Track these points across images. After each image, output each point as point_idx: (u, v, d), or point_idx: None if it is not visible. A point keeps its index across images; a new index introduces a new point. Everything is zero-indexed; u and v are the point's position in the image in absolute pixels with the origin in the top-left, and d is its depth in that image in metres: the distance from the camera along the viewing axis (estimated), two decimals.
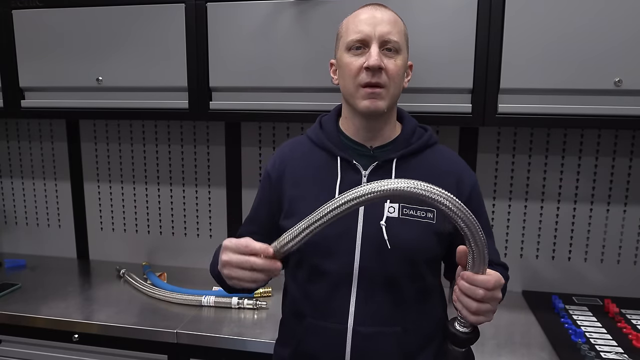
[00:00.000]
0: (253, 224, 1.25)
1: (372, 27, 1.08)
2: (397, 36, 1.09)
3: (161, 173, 2.09)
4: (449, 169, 1.15)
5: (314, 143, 1.19)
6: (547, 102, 1.44)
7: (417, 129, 1.19)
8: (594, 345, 1.41)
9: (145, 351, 1.55)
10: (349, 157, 1.13)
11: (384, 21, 1.09)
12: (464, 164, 1.19)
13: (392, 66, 1.08)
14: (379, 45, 1.08)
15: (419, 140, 1.15)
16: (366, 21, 1.09)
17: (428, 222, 1.08)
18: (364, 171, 1.12)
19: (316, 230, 0.89)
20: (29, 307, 1.67)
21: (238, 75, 1.61)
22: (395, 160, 1.12)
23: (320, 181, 1.13)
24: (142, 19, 1.65)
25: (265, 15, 1.55)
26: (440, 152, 1.18)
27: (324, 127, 1.19)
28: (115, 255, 2.17)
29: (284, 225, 1.16)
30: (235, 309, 1.67)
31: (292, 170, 1.17)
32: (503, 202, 1.82)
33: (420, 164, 1.14)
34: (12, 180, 2.25)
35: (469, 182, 1.15)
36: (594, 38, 1.38)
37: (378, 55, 1.06)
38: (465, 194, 1.12)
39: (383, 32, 1.07)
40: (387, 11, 1.12)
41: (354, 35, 1.09)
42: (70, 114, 1.87)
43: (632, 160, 1.72)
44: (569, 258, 1.81)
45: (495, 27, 1.43)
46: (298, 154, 1.20)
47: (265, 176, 1.22)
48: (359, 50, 1.09)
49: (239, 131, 1.98)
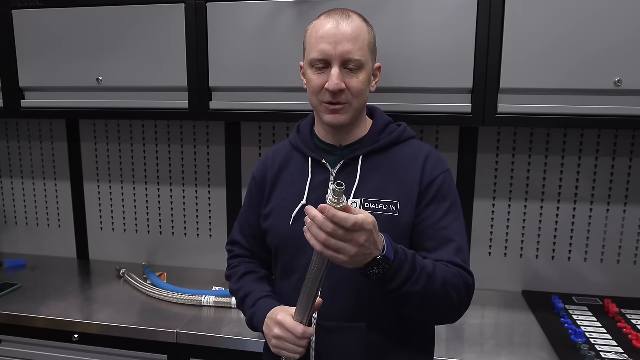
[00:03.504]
0: (244, 231, 1.31)
1: (333, 47, 1.07)
2: (360, 53, 1.08)
3: (161, 173, 2.08)
4: (416, 159, 1.15)
5: (293, 146, 1.24)
6: (547, 102, 1.44)
7: (390, 126, 1.20)
8: (594, 345, 1.41)
9: (145, 351, 1.55)
10: (319, 157, 1.17)
11: (345, 38, 1.07)
12: (434, 154, 1.17)
13: (355, 84, 1.10)
14: (340, 64, 1.08)
15: (388, 137, 1.17)
16: (328, 39, 1.08)
17: (390, 214, 1.10)
18: (332, 169, 1.16)
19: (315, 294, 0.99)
20: (29, 307, 1.67)
21: (238, 75, 1.61)
22: (362, 157, 1.15)
23: (294, 182, 1.19)
24: (142, 19, 1.65)
25: (265, 15, 1.55)
26: (412, 148, 1.18)
27: (301, 131, 1.25)
28: (115, 255, 2.16)
29: (262, 225, 1.23)
30: (235, 309, 1.67)
31: (273, 173, 1.23)
32: (503, 202, 1.82)
33: (386, 160, 1.16)
34: (12, 180, 2.25)
35: (433, 171, 1.13)
36: (594, 38, 1.38)
37: (338, 78, 1.07)
38: (426, 180, 1.12)
39: (344, 52, 1.07)
40: (351, 22, 1.09)
41: (315, 55, 1.10)
42: (70, 114, 1.87)
43: (632, 160, 1.72)
44: (569, 258, 1.81)
45: (495, 27, 1.43)
46: (279, 157, 1.25)
47: (252, 179, 1.29)
48: (320, 69, 1.10)
49: (239, 131, 1.98)
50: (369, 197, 1.12)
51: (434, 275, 1.00)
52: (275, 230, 1.19)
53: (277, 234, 1.19)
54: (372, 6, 1.45)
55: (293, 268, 1.15)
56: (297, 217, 1.15)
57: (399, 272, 0.96)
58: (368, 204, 1.11)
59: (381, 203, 1.11)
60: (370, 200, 1.12)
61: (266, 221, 1.21)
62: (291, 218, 1.15)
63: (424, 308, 1.03)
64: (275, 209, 1.19)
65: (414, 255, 1.00)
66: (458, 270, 1.05)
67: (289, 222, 1.15)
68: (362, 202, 1.11)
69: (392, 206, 1.11)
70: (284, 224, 1.16)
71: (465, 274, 1.07)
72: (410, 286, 0.97)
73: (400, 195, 1.11)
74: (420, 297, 0.99)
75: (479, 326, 1.56)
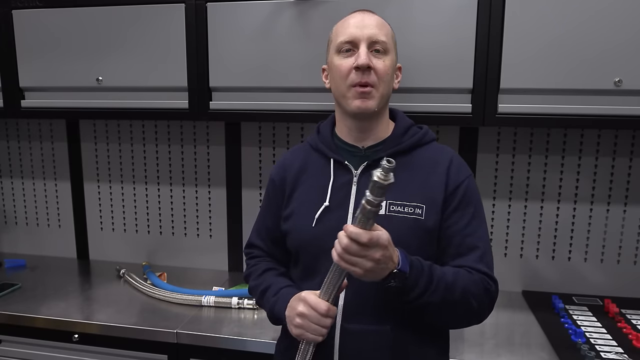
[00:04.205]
0: (261, 234, 1.30)
1: (361, 30, 1.13)
2: (385, 37, 1.14)
3: (161, 173, 2.09)
4: (440, 163, 1.15)
5: (312, 148, 1.23)
6: (547, 102, 1.44)
7: (412, 128, 1.20)
8: (594, 345, 1.41)
9: (145, 351, 1.55)
10: (341, 158, 1.16)
11: (372, 24, 1.13)
12: (457, 158, 1.18)
13: (381, 66, 1.12)
14: (368, 46, 1.12)
15: (411, 139, 1.17)
16: (355, 25, 1.14)
17: (415, 217, 1.10)
18: (355, 171, 1.15)
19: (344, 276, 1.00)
20: (29, 307, 1.67)
21: (238, 75, 1.61)
22: None
23: (315, 183, 1.18)
24: (142, 19, 1.65)
25: (265, 15, 1.55)
26: (434, 150, 1.18)
27: (321, 132, 1.24)
28: (115, 255, 2.16)
29: (282, 227, 1.21)
30: (235, 309, 1.67)
31: (292, 174, 1.22)
32: (503, 202, 1.82)
33: (412, 162, 1.15)
34: (12, 180, 2.25)
35: (458, 176, 1.14)
36: (594, 38, 1.38)
37: (367, 55, 1.10)
38: (452, 186, 1.12)
39: (371, 34, 1.12)
40: (374, 16, 1.17)
41: (343, 37, 1.14)
42: (70, 114, 1.87)
43: (632, 160, 1.72)
44: (569, 258, 1.81)
45: (495, 27, 1.43)
46: (298, 159, 1.24)
47: (270, 182, 1.27)
48: (348, 52, 1.14)
49: (239, 131, 1.98)
50: (395, 200, 1.10)
51: (454, 285, 1.03)
52: (296, 232, 1.18)
53: (299, 235, 1.17)
54: (372, 6, 1.45)
55: (315, 270, 1.13)
56: (319, 219, 1.13)
57: (416, 285, 1.00)
58: (393, 206, 1.10)
59: (407, 206, 1.10)
60: (395, 202, 1.10)
61: (287, 222, 1.20)
62: (314, 220, 1.14)
63: (443, 316, 1.07)
64: (297, 210, 1.18)
65: (430, 266, 1.02)
66: (481, 276, 1.08)
67: (311, 223, 1.14)
68: (387, 204, 1.10)
69: (417, 209, 1.10)
70: (306, 225, 1.15)
71: (487, 279, 1.09)
72: (428, 297, 1.01)
73: (424, 198, 1.11)
74: (438, 306, 1.03)
75: (479, 326, 1.55)
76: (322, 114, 1.56)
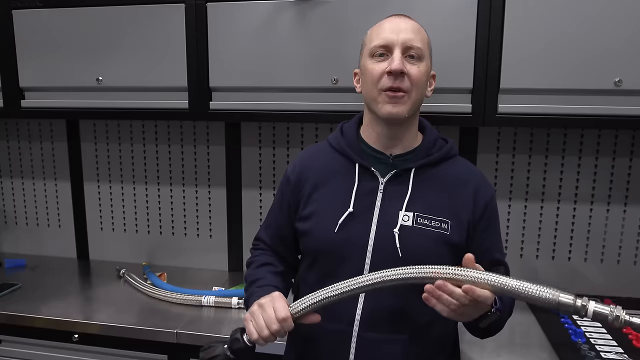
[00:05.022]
0: (269, 230, 1.29)
1: (396, 34, 1.10)
2: (420, 43, 1.11)
3: (161, 173, 2.09)
4: (467, 182, 1.14)
5: (334, 149, 1.19)
6: (547, 102, 1.44)
7: (439, 140, 1.19)
8: (594, 345, 1.41)
9: (145, 351, 1.55)
10: (368, 164, 1.13)
11: (407, 29, 1.11)
12: (482, 177, 1.18)
13: (415, 72, 1.09)
14: (402, 51, 1.09)
15: (440, 152, 1.15)
16: (390, 29, 1.11)
17: (442, 232, 1.09)
18: (381, 178, 1.13)
19: (327, 303, 1.00)
20: (29, 307, 1.67)
21: (238, 75, 1.61)
22: (414, 169, 1.13)
23: (337, 186, 1.14)
24: (142, 19, 1.65)
25: (265, 15, 1.55)
26: (460, 165, 1.18)
27: (345, 133, 1.20)
28: (115, 255, 2.16)
29: (299, 227, 1.18)
30: (235, 309, 1.67)
31: (311, 174, 1.18)
32: (503, 202, 1.82)
33: (439, 176, 1.14)
34: (12, 180, 2.25)
35: (485, 196, 1.14)
36: (594, 38, 1.38)
37: (400, 60, 1.08)
38: (480, 207, 1.13)
39: (406, 39, 1.09)
40: (410, 21, 1.14)
41: (377, 42, 1.11)
42: (70, 114, 1.87)
43: (632, 160, 1.72)
44: (569, 258, 1.81)
45: (495, 27, 1.43)
46: (318, 158, 1.21)
47: (285, 179, 1.24)
48: (381, 57, 1.11)
49: (239, 131, 1.98)
50: (422, 213, 1.09)
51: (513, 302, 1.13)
52: (315, 235, 1.14)
53: (318, 238, 1.14)
54: (372, 6, 1.45)
55: (333, 275, 1.09)
56: (342, 225, 1.11)
57: (504, 318, 1.09)
58: (420, 219, 1.09)
59: (433, 220, 1.09)
60: (423, 215, 1.09)
61: (305, 223, 1.16)
62: (336, 225, 1.10)
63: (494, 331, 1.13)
64: (317, 212, 1.15)
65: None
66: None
67: (333, 228, 1.11)
68: (414, 216, 1.09)
69: (443, 224, 1.09)
70: (327, 230, 1.12)
71: None
72: (505, 319, 1.11)
73: (451, 214, 1.10)
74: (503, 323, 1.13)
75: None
76: (322, 114, 1.57)
